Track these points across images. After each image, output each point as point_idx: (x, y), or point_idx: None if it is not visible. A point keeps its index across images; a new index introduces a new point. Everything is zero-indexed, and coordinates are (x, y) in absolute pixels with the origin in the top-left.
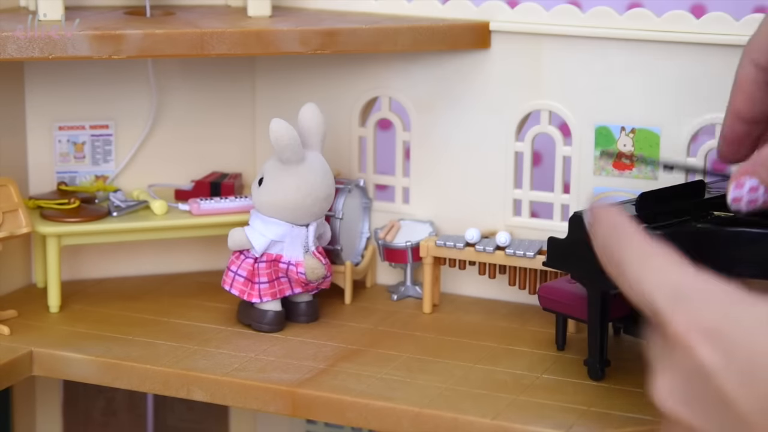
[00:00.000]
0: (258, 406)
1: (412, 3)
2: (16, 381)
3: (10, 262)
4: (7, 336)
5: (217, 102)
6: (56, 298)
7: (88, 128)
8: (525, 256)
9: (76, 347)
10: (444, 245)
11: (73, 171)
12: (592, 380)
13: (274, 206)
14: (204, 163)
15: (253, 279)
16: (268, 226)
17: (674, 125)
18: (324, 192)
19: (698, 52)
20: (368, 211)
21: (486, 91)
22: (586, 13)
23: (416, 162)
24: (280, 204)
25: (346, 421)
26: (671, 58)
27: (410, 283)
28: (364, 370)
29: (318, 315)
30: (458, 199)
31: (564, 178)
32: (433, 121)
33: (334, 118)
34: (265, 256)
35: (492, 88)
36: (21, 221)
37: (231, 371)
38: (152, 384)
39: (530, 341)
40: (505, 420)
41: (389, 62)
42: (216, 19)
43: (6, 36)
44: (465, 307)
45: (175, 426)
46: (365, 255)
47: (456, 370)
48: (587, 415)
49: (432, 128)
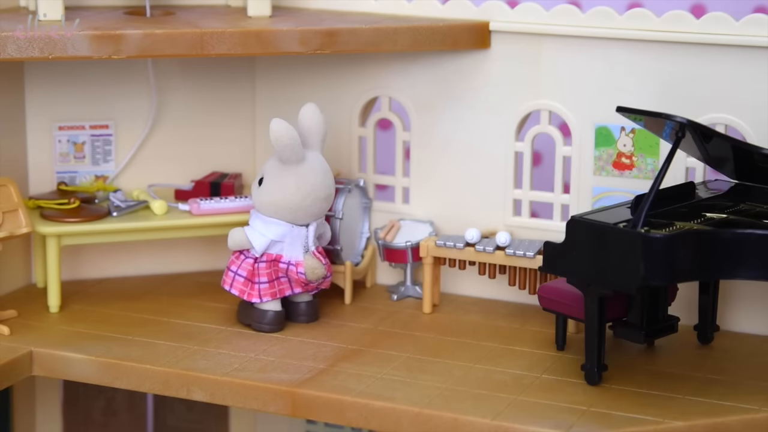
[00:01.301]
0: (258, 406)
1: (412, 3)
2: (16, 381)
3: (10, 262)
4: (7, 336)
5: (217, 102)
6: (56, 298)
7: (88, 128)
8: (525, 256)
9: (76, 347)
10: (444, 245)
11: (73, 171)
12: (590, 385)
13: (274, 206)
14: (204, 163)
15: (253, 279)
16: (268, 226)
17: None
18: (324, 192)
19: (698, 52)
20: (368, 211)
21: (486, 91)
22: (586, 13)
23: (416, 162)
24: (280, 204)
25: (346, 421)
26: (671, 58)
27: (410, 283)
28: (364, 370)
29: (318, 315)
30: (458, 199)
31: (564, 178)
32: (433, 121)
33: (334, 118)
34: (265, 256)
35: (492, 88)
36: (21, 221)
37: (231, 371)
38: (152, 384)
39: (530, 341)
40: (505, 420)
41: (389, 62)
42: (216, 19)
43: (6, 36)
44: (465, 307)
45: (175, 426)
46: (365, 255)
47: (456, 370)
48: (587, 415)
49: (432, 128)
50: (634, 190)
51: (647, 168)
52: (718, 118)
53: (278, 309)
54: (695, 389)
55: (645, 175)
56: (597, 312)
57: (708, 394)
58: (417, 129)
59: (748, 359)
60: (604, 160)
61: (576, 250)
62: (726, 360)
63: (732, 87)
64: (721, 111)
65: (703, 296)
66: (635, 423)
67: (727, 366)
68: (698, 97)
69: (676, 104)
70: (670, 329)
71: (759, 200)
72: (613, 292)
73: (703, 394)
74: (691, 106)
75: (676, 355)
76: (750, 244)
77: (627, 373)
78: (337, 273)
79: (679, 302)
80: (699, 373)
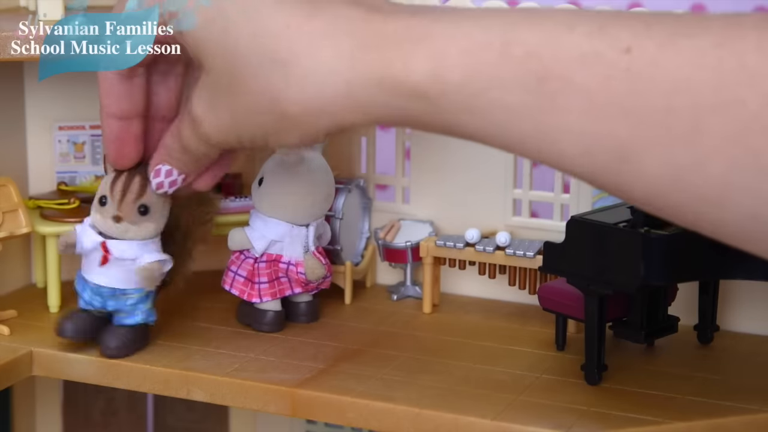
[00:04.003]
0: (258, 406)
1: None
2: (16, 381)
3: (10, 262)
4: (7, 336)
5: None
6: (56, 298)
7: (88, 128)
8: (525, 256)
9: (76, 347)
10: (444, 245)
11: (73, 171)
12: (590, 385)
13: (274, 206)
14: None
15: (253, 279)
16: (268, 226)
17: None
18: (323, 192)
19: None
20: (368, 211)
21: None
22: None
23: (416, 162)
24: (280, 204)
25: (346, 422)
26: None
27: (410, 283)
28: (364, 370)
29: (318, 315)
30: (458, 199)
31: (564, 177)
32: None
33: None
34: (265, 256)
35: None
36: (21, 221)
37: (231, 371)
38: (152, 384)
39: (530, 341)
40: (505, 420)
41: None
42: None
43: (6, 36)
44: (465, 307)
45: (175, 426)
46: (365, 255)
47: (456, 370)
48: (587, 416)
49: None
50: None
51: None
52: None
53: (278, 309)
54: (695, 389)
55: None
56: (597, 312)
57: (708, 394)
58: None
59: (748, 359)
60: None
61: (576, 250)
62: (726, 360)
63: None
64: None
65: (703, 296)
66: (635, 423)
67: (727, 366)
68: None
69: None
70: (670, 329)
71: None
72: (613, 292)
73: (703, 394)
74: None
75: (676, 355)
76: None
77: (627, 373)
78: (337, 273)
79: (679, 302)
80: (699, 373)
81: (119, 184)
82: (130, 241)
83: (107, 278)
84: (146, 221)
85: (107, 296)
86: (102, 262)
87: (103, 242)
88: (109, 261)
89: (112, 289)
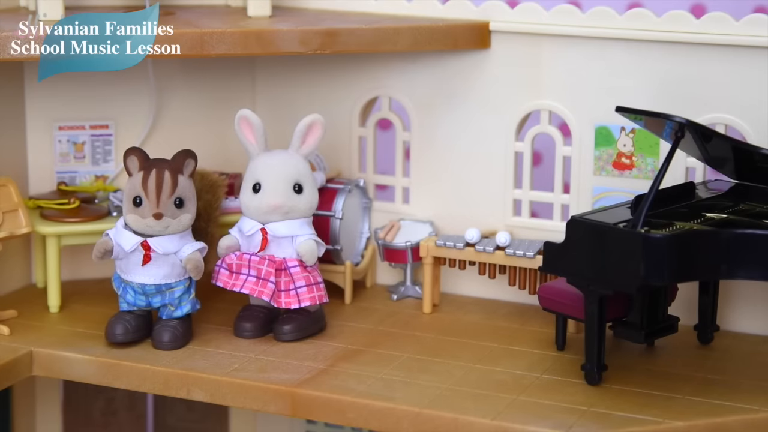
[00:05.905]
0: (258, 406)
1: (412, 3)
2: (16, 381)
3: (10, 262)
4: (7, 336)
5: (217, 102)
6: (56, 298)
7: (88, 128)
8: (525, 256)
9: (76, 347)
10: (444, 245)
11: (73, 171)
12: (590, 385)
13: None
14: (204, 164)
15: (240, 271)
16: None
17: None
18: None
19: (698, 52)
20: (368, 211)
21: (486, 91)
22: (586, 13)
23: (416, 162)
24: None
25: (346, 421)
26: (671, 58)
27: (410, 283)
28: (364, 370)
29: (305, 334)
30: (458, 199)
31: (564, 178)
32: (433, 121)
33: (334, 118)
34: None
35: (492, 88)
36: (21, 221)
37: (231, 371)
38: (152, 384)
39: (530, 341)
40: (505, 420)
41: (389, 62)
42: (216, 19)
43: (6, 36)
44: (465, 307)
45: (175, 426)
46: (365, 255)
47: (456, 370)
48: (587, 415)
49: (432, 128)
50: (634, 190)
51: (647, 168)
52: (718, 118)
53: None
54: (695, 389)
55: (645, 175)
56: (597, 312)
57: (708, 394)
58: (417, 129)
59: (748, 359)
60: (604, 160)
61: (576, 250)
62: (726, 360)
63: (732, 87)
64: (721, 111)
65: (703, 296)
66: (635, 423)
67: (727, 366)
68: (698, 97)
69: (676, 104)
70: (670, 329)
71: (759, 200)
72: (613, 292)
73: (703, 394)
74: (691, 106)
75: (676, 355)
76: (750, 244)
77: (627, 373)
78: (337, 273)
79: (679, 302)
80: (699, 373)
81: (151, 182)
82: (170, 236)
83: (150, 276)
84: (183, 212)
85: (152, 293)
86: (144, 261)
87: (144, 241)
88: (151, 259)
89: (157, 286)
